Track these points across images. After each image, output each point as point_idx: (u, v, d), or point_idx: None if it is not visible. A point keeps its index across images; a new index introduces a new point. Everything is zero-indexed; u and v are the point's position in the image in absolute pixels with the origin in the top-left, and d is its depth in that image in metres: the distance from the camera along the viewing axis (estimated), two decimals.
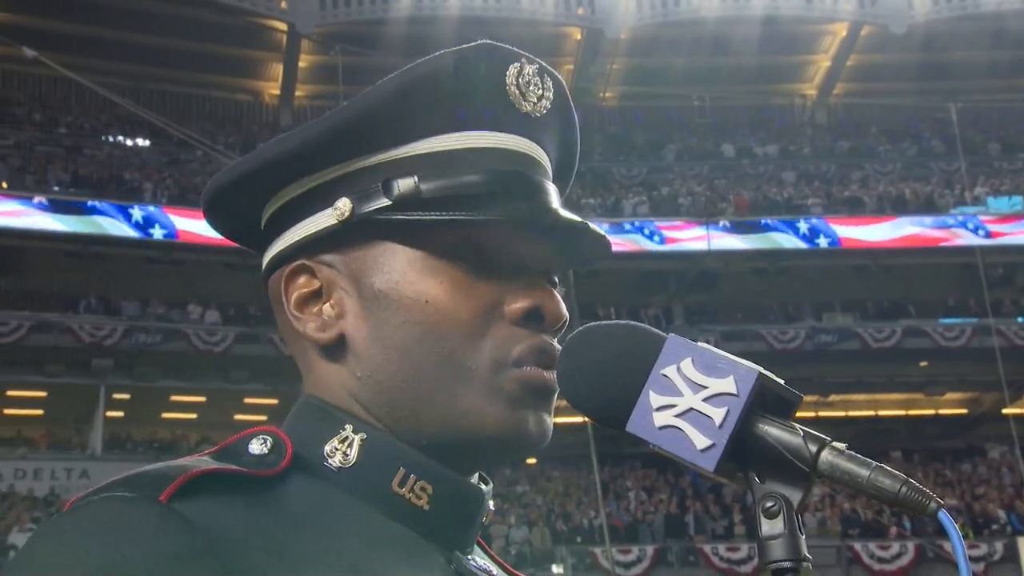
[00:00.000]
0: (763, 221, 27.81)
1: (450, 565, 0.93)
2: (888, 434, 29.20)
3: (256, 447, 0.91)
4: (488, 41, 0.99)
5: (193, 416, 27.79)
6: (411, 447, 0.94)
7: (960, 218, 27.92)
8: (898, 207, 28.65)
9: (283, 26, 30.75)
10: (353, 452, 0.93)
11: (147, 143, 29.43)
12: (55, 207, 25.10)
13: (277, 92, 33.37)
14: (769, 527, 0.85)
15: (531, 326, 0.95)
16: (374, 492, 0.92)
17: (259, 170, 0.97)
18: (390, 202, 0.93)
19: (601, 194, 29.46)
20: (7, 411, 26.50)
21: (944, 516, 0.81)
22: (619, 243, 27.43)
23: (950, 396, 29.90)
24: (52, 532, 0.80)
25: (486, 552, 1.05)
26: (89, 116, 30.09)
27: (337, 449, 0.93)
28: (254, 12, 30.23)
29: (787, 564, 0.83)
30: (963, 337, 26.57)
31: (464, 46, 0.97)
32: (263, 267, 1.02)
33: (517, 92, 0.97)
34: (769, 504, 0.85)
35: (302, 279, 0.97)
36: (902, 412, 30.43)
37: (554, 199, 0.99)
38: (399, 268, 0.94)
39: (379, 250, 0.95)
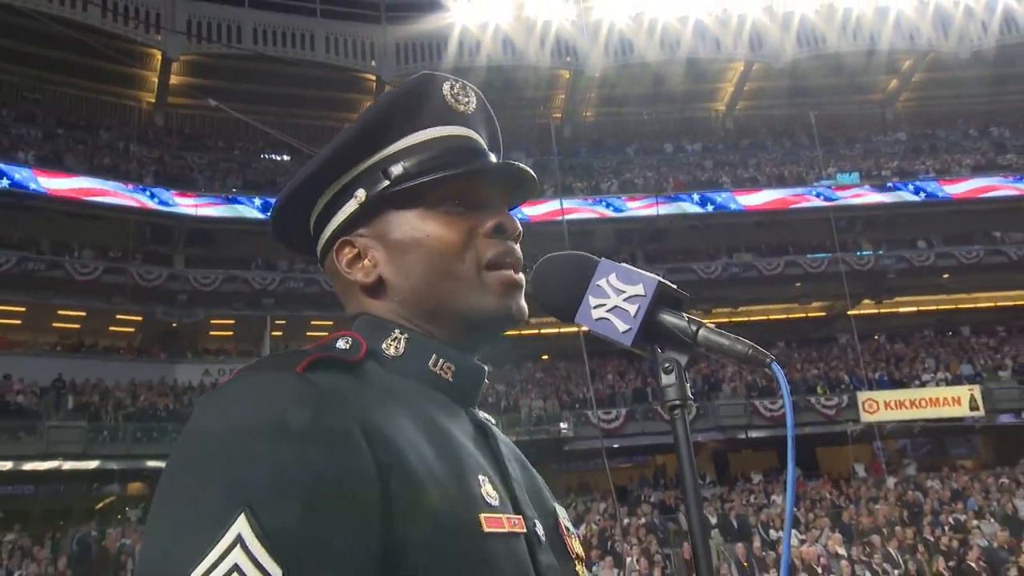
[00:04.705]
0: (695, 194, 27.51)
1: (468, 416, 0.93)
2: (777, 331, 28.97)
3: (342, 344, 0.91)
4: (427, 72, 0.99)
5: (326, 335, 27.86)
6: (439, 341, 0.93)
7: (819, 188, 27.54)
8: (780, 182, 28.25)
9: (372, 76, 30.42)
10: (401, 346, 0.93)
11: (288, 158, 29.33)
12: (232, 202, 25.16)
13: None
14: (666, 380, 0.86)
15: (498, 237, 0.94)
16: (418, 372, 0.92)
17: (305, 182, 0.96)
18: (390, 182, 0.93)
19: (585, 179, 29.11)
20: (212, 333, 26.76)
21: (775, 367, 0.81)
22: (599, 212, 27.26)
23: (815, 304, 29.64)
24: (222, 397, 0.77)
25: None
26: (251, 142, 29.92)
27: (391, 345, 0.93)
28: (354, 68, 30.01)
29: (677, 402, 0.84)
30: (823, 266, 26.29)
31: (413, 76, 0.97)
32: (319, 255, 1.01)
33: (452, 99, 0.97)
34: (666, 365, 0.86)
35: (346, 250, 0.96)
36: (785, 316, 30.14)
37: (493, 157, 0.98)
38: (406, 223, 0.93)
39: (390, 216, 0.94)
